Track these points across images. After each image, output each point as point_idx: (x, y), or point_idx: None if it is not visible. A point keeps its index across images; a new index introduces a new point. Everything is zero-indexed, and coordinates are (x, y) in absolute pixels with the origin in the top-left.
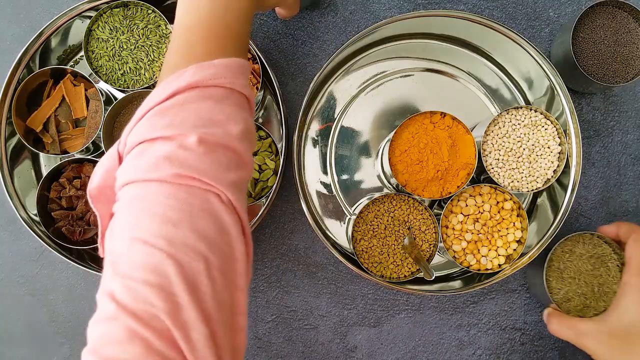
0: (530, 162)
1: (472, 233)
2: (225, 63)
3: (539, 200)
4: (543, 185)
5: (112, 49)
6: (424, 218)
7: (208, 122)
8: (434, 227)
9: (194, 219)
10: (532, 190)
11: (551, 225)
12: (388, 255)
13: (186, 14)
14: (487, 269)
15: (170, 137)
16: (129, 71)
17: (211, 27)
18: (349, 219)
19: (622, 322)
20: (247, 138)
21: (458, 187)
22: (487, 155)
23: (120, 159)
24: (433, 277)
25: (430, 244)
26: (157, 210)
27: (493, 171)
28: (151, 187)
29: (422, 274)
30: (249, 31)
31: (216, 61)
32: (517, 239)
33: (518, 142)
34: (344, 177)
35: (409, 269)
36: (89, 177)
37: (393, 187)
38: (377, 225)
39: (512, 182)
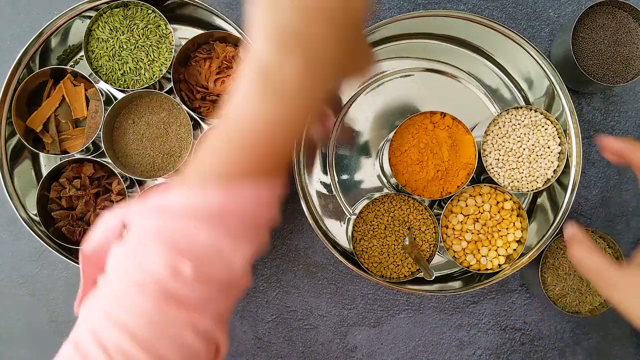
0: (530, 162)
1: (472, 233)
2: (256, 194)
3: (539, 200)
4: (543, 185)
5: (112, 49)
6: (424, 218)
7: (213, 253)
8: (434, 227)
9: (161, 345)
10: (532, 190)
11: (551, 225)
12: (388, 255)
13: (242, 111)
14: (487, 269)
15: (167, 255)
16: (129, 71)
17: (263, 139)
18: (349, 218)
19: None
20: (249, 268)
21: (458, 187)
22: (487, 155)
23: (124, 226)
24: (433, 277)
25: (430, 244)
26: (128, 323)
27: (493, 171)
28: (131, 295)
29: (422, 274)
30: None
31: (247, 189)
32: (517, 239)
33: (518, 142)
34: (344, 177)
35: (409, 269)
36: (89, 177)
37: (393, 187)
38: (377, 225)
39: (512, 182)
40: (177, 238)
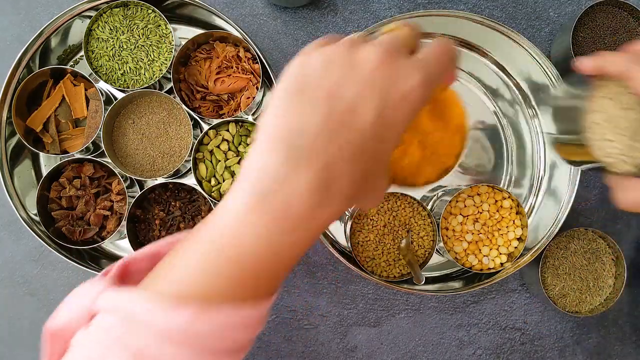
0: None
1: (473, 233)
2: (235, 319)
3: (539, 200)
4: None
5: (112, 49)
6: (425, 224)
7: None
8: (433, 234)
9: None
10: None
11: (551, 226)
12: (382, 252)
13: (231, 229)
14: (489, 269)
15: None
16: (129, 71)
17: (253, 264)
18: (348, 218)
19: None
20: None
21: (458, 154)
22: None
23: (91, 317)
24: (422, 282)
25: (426, 251)
26: None
27: None
28: None
29: (411, 276)
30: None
31: (225, 312)
32: (518, 237)
33: None
34: None
35: (400, 270)
36: (89, 177)
37: None
38: (377, 221)
39: None
40: (144, 355)
